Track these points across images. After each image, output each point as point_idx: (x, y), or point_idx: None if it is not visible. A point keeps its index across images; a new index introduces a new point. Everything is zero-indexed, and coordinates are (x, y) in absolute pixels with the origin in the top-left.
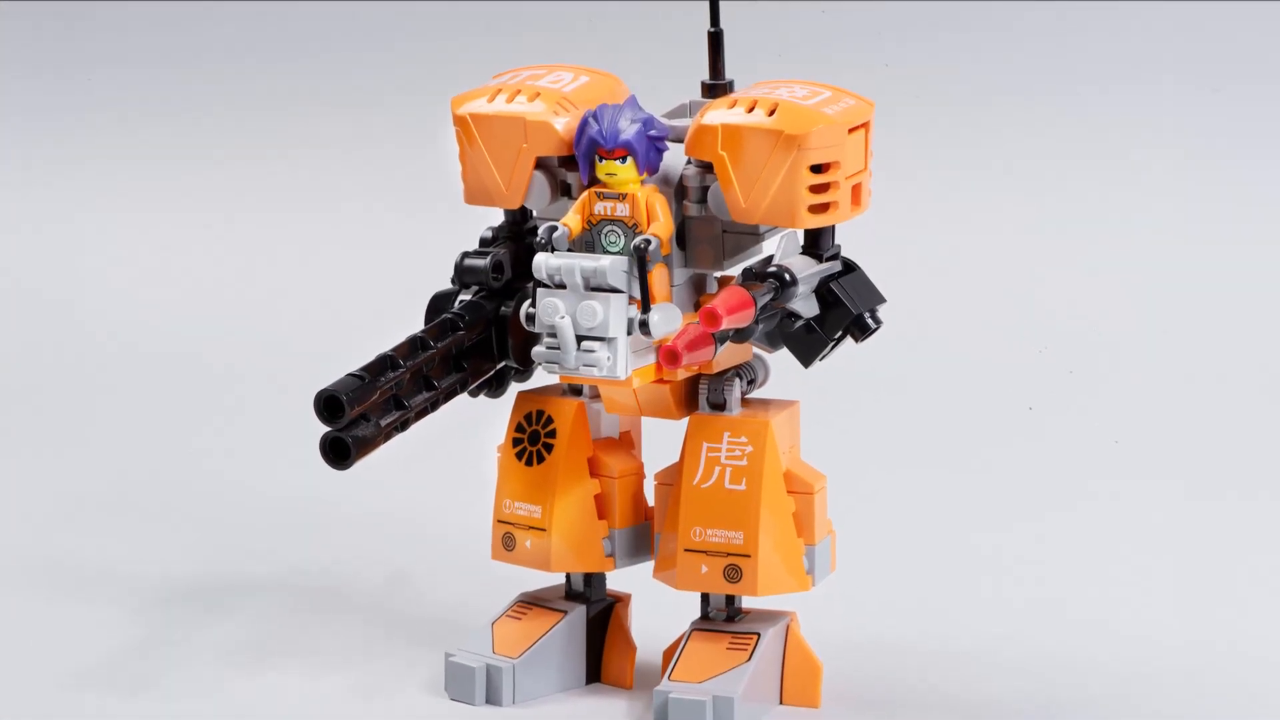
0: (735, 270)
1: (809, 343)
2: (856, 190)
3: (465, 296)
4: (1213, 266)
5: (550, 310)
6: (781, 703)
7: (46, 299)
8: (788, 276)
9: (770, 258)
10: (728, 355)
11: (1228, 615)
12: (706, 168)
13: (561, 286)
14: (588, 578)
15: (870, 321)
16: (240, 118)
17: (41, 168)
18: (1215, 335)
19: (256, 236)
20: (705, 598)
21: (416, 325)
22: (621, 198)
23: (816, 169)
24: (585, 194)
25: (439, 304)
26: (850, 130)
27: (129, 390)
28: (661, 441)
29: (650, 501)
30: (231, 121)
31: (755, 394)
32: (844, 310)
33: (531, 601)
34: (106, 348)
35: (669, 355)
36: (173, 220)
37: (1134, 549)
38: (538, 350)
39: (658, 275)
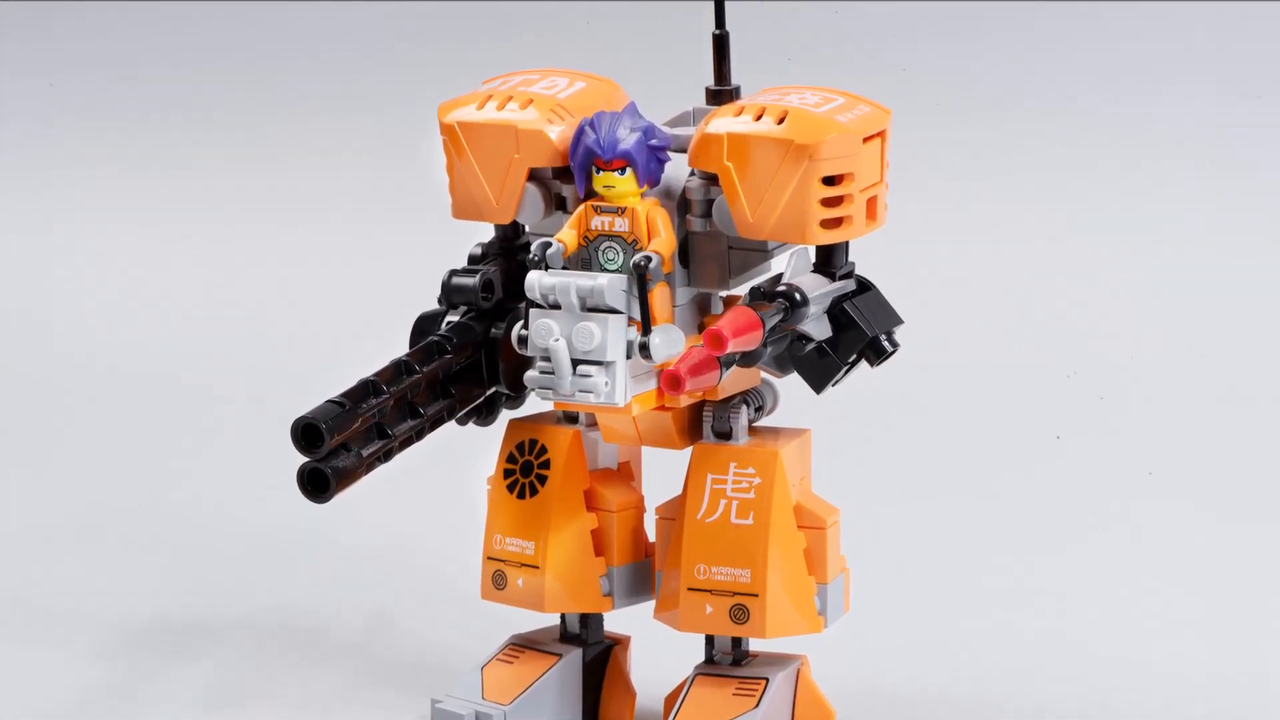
0: (742, 289)
1: (821, 367)
2: (872, 204)
3: (453, 317)
4: (1251, 286)
5: (544, 332)
6: None
7: (13, 314)
8: (798, 296)
9: (779, 276)
10: (734, 380)
11: (1266, 652)
12: (711, 180)
13: (556, 307)
14: (584, 618)
15: (886, 344)
16: (218, 125)
17: (7, 176)
18: (1254, 359)
19: (234, 250)
20: (710, 640)
21: (401, 348)
22: (620, 212)
23: (829, 181)
24: (581, 208)
25: (425, 325)
26: (865, 139)
27: (99, 411)
28: (663, 473)
29: (651, 537)
30: (208, 129)
31: (763, 422)
32: (858, 332)
33: (524, 644)
34: (77, 366)
35: (671, 380)
36: (147, 232)
37: (1166, 584)
38: (530, 375)
39: (659, 295)
